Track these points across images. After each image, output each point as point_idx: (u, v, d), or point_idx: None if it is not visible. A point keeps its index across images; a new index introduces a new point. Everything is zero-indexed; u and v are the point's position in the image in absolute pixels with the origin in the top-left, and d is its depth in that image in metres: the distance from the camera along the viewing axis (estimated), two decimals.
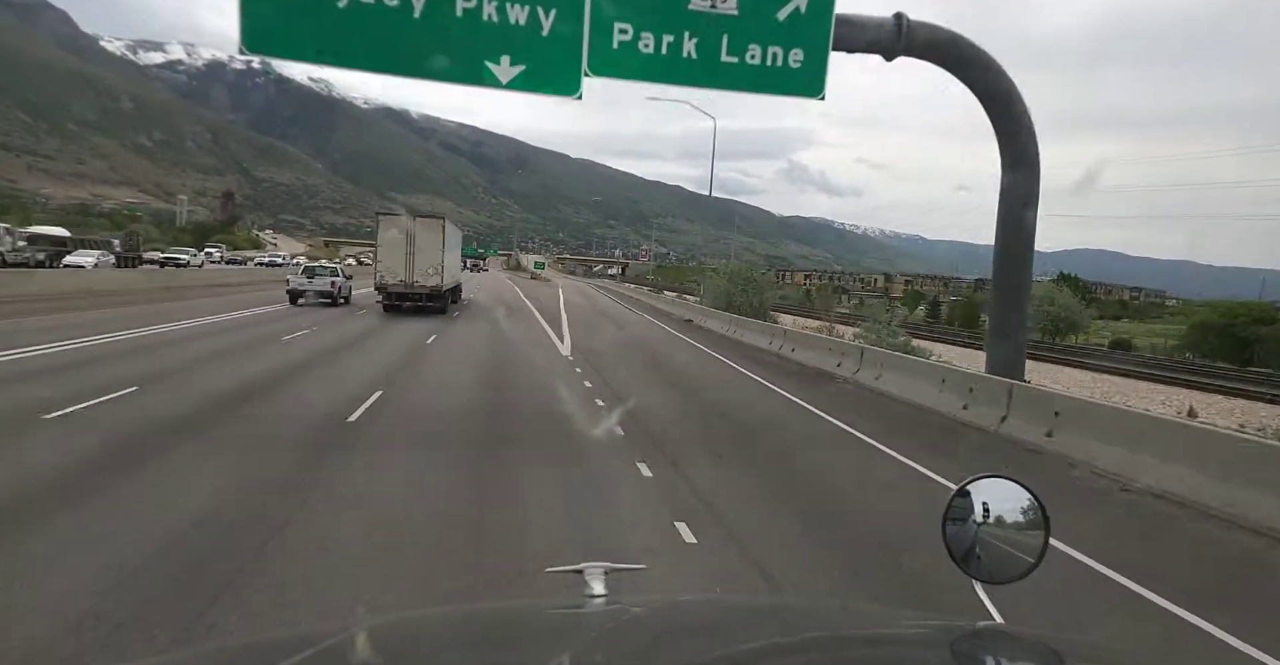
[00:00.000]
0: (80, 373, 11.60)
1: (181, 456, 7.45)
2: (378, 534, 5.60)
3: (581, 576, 1.55)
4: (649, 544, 5.60)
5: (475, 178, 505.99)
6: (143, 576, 4.56)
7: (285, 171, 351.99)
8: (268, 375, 12.55)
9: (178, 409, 9.57)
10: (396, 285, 26.56)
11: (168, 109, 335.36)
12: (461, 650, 1.26)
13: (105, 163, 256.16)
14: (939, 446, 9.87)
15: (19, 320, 17.95)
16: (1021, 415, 10.23)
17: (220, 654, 1.40)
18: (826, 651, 1.24)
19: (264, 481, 6.75)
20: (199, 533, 5.40)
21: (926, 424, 11.55)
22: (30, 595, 4.26)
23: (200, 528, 5.50)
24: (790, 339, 21.34)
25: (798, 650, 1.26)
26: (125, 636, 3.79)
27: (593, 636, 1.26)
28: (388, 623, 1.53)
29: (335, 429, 8.90)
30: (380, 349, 17.24)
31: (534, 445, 8.89)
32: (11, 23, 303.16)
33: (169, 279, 39.58)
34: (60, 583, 4.42)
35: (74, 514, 5.62)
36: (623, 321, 32.49)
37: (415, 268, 26.46)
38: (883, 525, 6.53)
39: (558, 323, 27.44)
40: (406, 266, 26.46)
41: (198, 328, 19.35)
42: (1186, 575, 5.70)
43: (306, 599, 4.37)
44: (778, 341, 21.59)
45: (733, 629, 1.38)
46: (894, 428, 10.93)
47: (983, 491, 1.62)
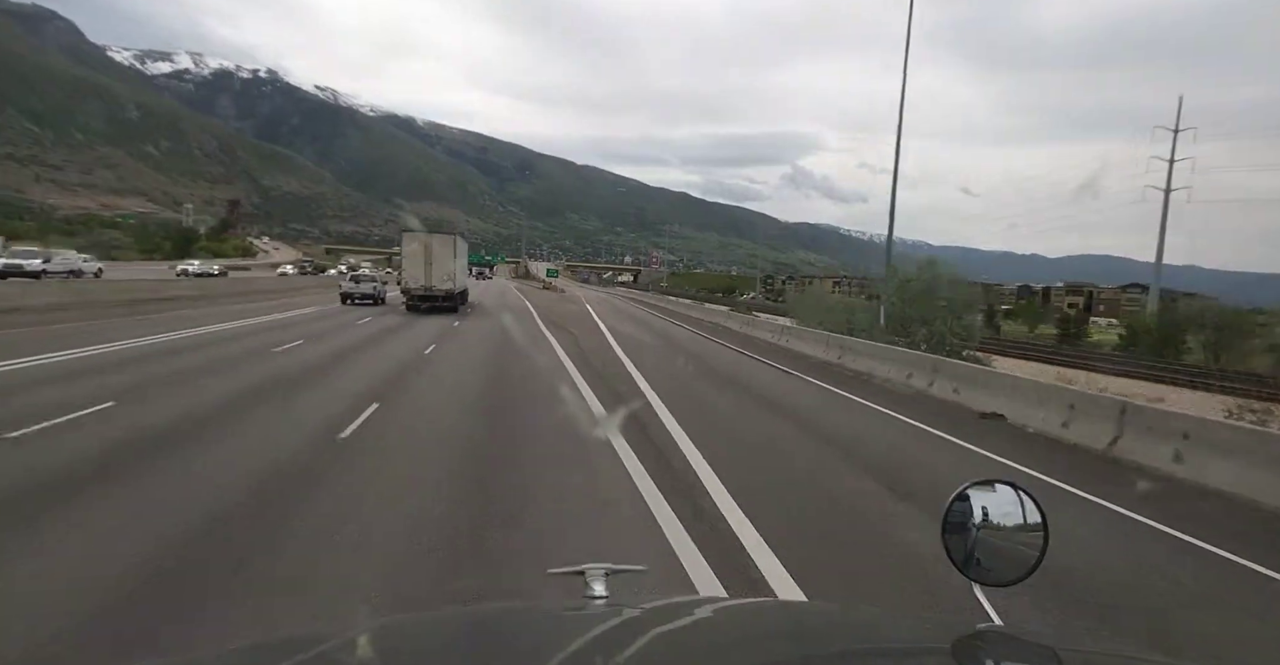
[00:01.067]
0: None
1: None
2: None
3: (582, 578, 1.54)
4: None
5: (481, 185, 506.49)
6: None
7: (292, 179, 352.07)
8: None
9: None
10: (418, 289, 31.31)
11: (175, 118, 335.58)
12: (462, 651, 1.27)
13: (113, 173, 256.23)
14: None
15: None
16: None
17: (221, 657, 1.35)
18: (827, 653, 1.27)
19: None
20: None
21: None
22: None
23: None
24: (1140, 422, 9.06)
25: (798, 652, 1.27)
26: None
27: (593, 638, 1.25)
28: (388, 624, 1.50)
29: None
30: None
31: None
32: (17, 32, 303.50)
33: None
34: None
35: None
36: (769, 391, 13.87)
37: (433, 275, 31.35)
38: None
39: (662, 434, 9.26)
40: (426, 274, 31.22)
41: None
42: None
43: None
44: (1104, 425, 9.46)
45: (734, 631, 1.40)
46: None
47: (981, 496, 1.63)
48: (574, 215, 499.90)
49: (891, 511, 6.31)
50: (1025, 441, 10.03)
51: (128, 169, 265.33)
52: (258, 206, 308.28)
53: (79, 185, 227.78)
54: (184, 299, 30.25)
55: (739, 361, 19.72)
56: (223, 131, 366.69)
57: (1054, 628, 4.10)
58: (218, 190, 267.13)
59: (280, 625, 3.69)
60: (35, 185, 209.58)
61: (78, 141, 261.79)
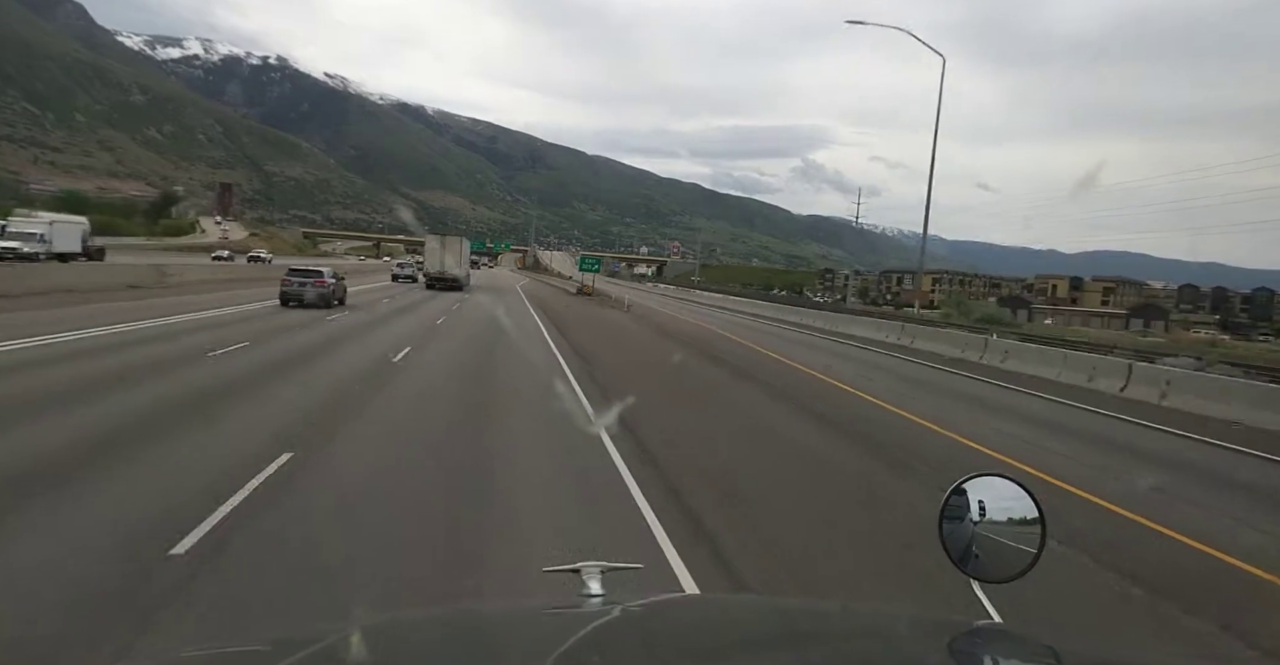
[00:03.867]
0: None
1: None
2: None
3: (578, 576, 1.54)
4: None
5: (490, 174, 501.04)
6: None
7: (297, 166, 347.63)
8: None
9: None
10: (435, 273, 44.73)
11: (179, 102, 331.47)
12: (458, 650, 1.28)
13: (112, 155, 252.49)
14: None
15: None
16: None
17: (221, 656, 1.40)
18: (825, 651, 1.27)
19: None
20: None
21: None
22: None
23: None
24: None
25: (797, 650, 1.27)
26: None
27: (589, 636, 1.27)
28: (385, 622, 1.52)
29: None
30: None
31: None
32: (22, 14, 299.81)
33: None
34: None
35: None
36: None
37: (445, 264, 44.79)
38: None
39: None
40: (441, 263, 44.81)
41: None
42: None
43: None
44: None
45: (730, 629, 1.40)
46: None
47: (979, 490, 1.60)
48: (582, 205, 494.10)
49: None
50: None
51: (128, 152, 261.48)
52: (260, 192, 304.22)
53: (77, 167, 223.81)
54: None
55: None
56: (228, 117, 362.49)
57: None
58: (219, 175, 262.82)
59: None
60: (33, 167, 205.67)
61: (79, 124, 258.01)
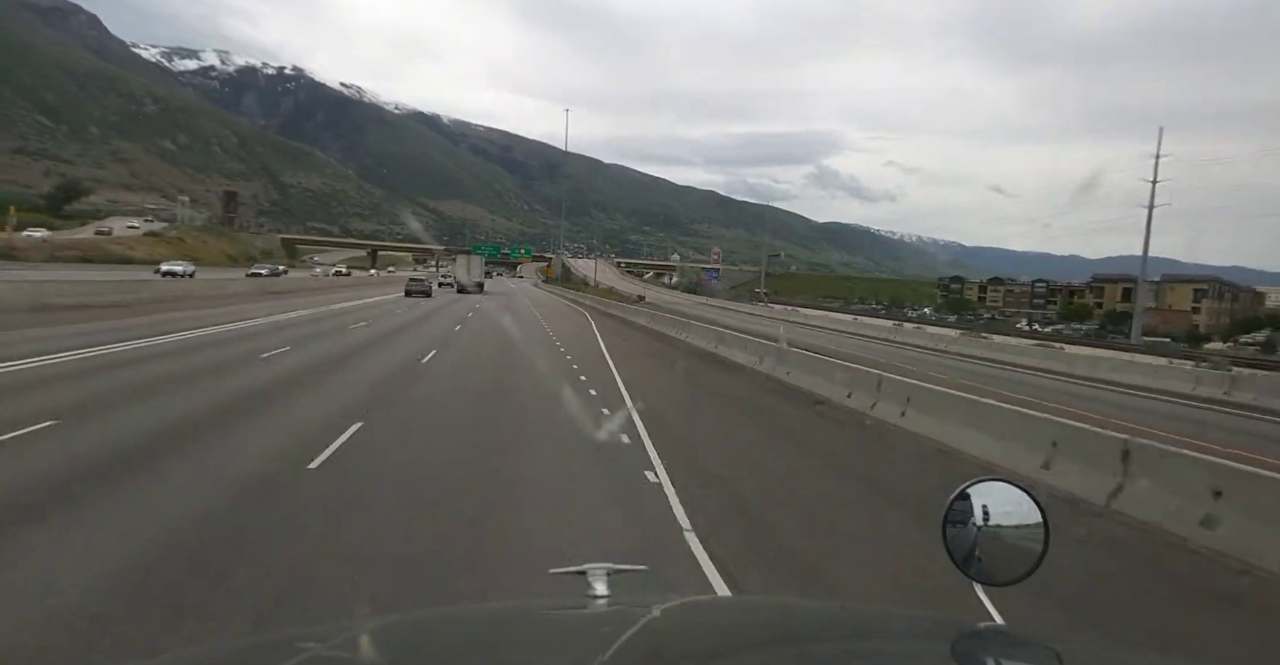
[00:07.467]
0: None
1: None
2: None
3: (584, 577, 1.54)
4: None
5: (508, 183, 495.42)
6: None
7: (314, 177, 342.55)
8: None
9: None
10: (463, 282, 65.99)
11: (194, 113, 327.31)
12: (463, 651, 1.27)
13: (126, 167, 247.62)
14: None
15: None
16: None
17: (222, 654, 1.34)
18: (828, 652, 1.27)
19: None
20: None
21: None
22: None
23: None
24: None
25: (799, 651, 1.27)
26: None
27: (595, 637, 1.27)
28: (390, 623, 1.51)
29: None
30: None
31: None
32: (35, 24, 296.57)
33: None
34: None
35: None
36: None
37: (471, 276, 66.99)
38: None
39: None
40: (466, 275, 67.18)
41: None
42: None
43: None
44: None
45: (734, 630, 1.41)
46: None
47: (982, 494, 1.62)
48: (600, 214, 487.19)
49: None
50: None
51: (142, 164, 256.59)
52: (276, 203, 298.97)
53: (90, 180, 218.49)
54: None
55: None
56: (243, 127, 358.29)
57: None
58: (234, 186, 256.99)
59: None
60: (45, 180, 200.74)
61: (92, 136, 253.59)
